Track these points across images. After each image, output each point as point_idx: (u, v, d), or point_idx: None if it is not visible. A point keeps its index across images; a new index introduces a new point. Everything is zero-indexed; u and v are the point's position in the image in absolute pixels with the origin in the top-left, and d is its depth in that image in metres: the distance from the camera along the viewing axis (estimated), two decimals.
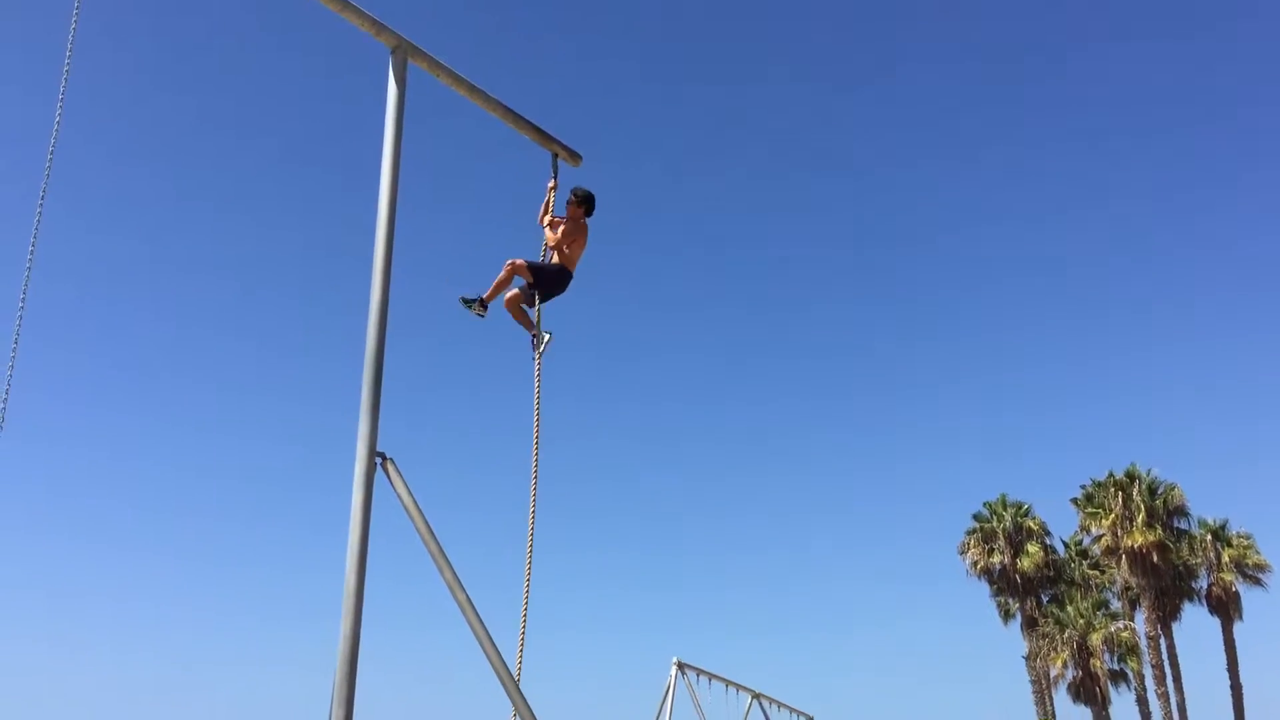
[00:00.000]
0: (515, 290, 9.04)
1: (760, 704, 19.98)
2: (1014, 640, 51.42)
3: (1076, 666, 47.20)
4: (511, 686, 6.24)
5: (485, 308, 8.97)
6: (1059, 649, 47.27)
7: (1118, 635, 47.04)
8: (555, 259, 9.04)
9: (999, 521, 51.23)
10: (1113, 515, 47.52)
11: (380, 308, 6.20)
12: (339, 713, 5.21)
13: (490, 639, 6.05)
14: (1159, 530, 46.98)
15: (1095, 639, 46.70)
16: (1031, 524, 51.19)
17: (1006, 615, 52.04)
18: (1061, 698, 48.89)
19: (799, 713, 23.00)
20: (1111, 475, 49.01)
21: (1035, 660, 48.79)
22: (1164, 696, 46.40)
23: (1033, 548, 50.30)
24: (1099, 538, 48.76)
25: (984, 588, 51.94)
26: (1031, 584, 50.48)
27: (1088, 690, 47.34)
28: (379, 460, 5.98)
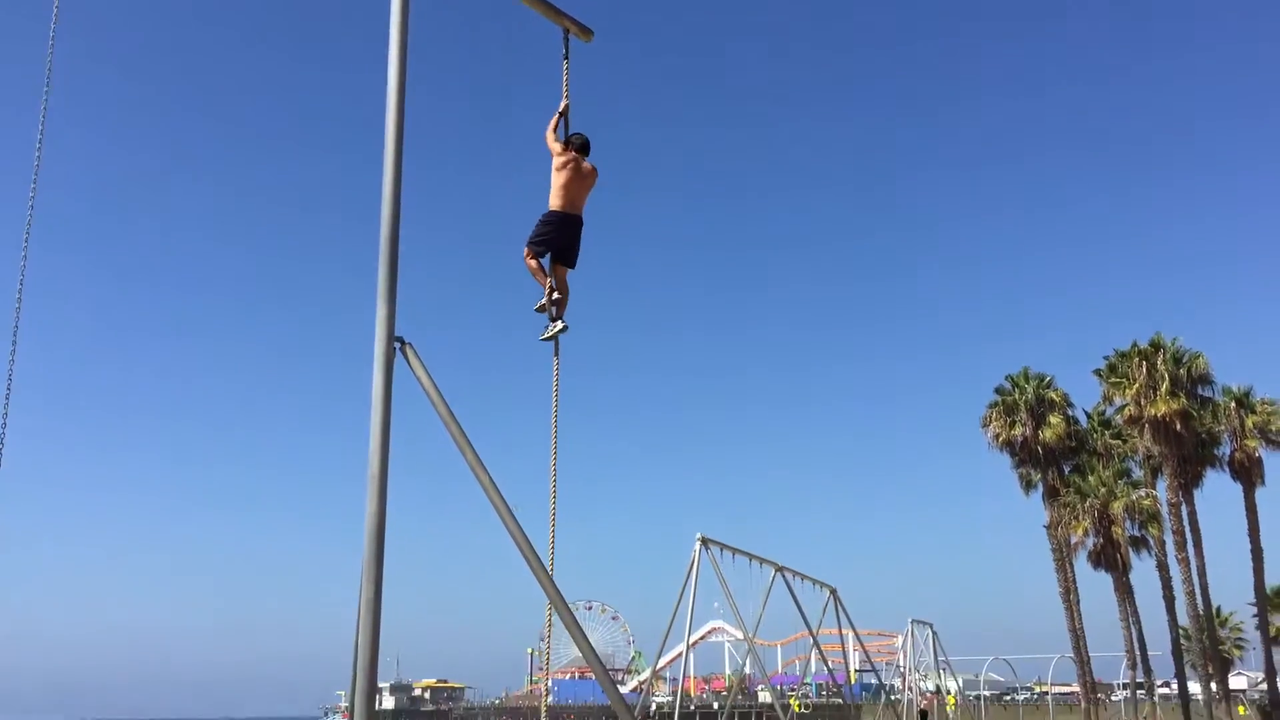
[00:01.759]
0: (536, 264, 8.67)
1: (784, 577, 20.40)
2: (1035, 510, 52.13)
3: (1097, 534, 47.84)
4: (537, 565, 6.38)
5: (558, 319, 8.49)
6: (1080, 517, 47.86)
7: (1139, 503, 47.54)
8: (550, 200, 8.66)
9: (1021, 394, 51.37)
10: (1136, 385, 47.52)
11: (393, 189, 6.16)
12: (368, 590, 5.35)
13: (514, 518, 6.17)
14: (1183, 399, 47.01)
15: (1116, 507, 47.21)
16: (1054, 395, 51.32)
17: (1028, 486, 52.58)
18: (1082, 565, 49.77)
19: (822, 584, 23.47)
20: (1135, 345, 48.89)
21: (1056, 529, 49.45)
22: (1184, 562, 47.05)
23: (1055, 419, 50.51)
24: (1122, 408, 48.86)
25: (1005, 460, 52.45)
26: (1053, 455, 50.86)
27: (1108, 557, 48.06)
28: (398, 345, 6.02)
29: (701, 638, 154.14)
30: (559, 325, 8.45)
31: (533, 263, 8.58)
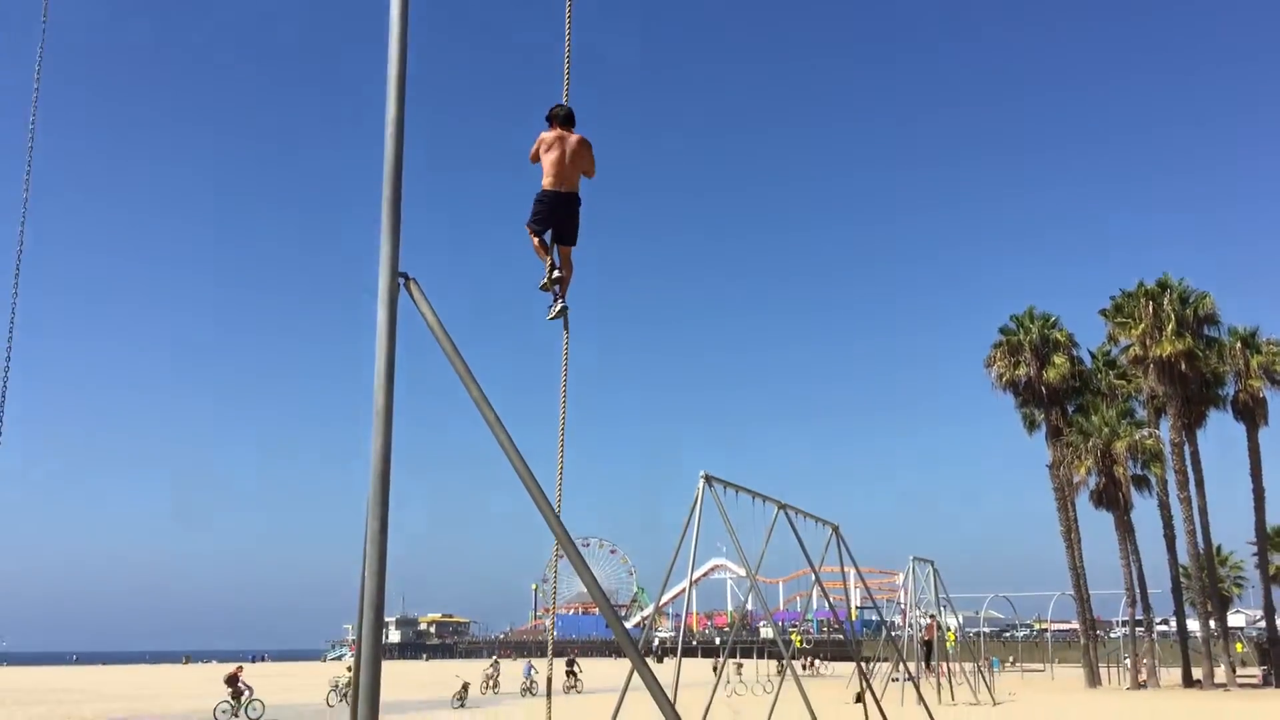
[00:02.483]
0: (538, 241, 8.41)
1: (786, 514, 20.52)
2: (1038, 450, 52.33)
3: (1099, 473, 48.06)
4: (543, 502, 6.42)
5: (561, 298, 8.31)
6: (1083, 457, 48.06)
7: (1142, 443, 47.70)
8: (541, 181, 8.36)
9: (1026, 334, 51.31)
10: (1142, 325, 47.45)
11: (396, 123, 6.11)
12: (374, 525, 5.40)
13: (519, 454, 6.20)
14: (1188, 339, 46.96)
15: (1119, 446, 47.37)
16: (1058, 335, 51.28)
17: (1031, 426, 52.74)
18: (1083, 504, 50.07)
19: (824, 522, 23.64)
20: (1142, 285, 48.74)
21: (1059, 468, 49.68)
22: (1186, 501, 47.31)
23: (1059, 359, 50.52)
24: (1127, 348, 48.85)
25: (1009, 400, 52.58)
26: (1057, 395, 50.94)
27: (1110, 496, 48.33)
28: (402, 280, 6.01)
29: (704, 575, 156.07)
30: (559, 305, 8.30)
31: (535, 240, 8.39)
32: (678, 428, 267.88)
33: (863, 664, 25.37)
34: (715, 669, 60.01)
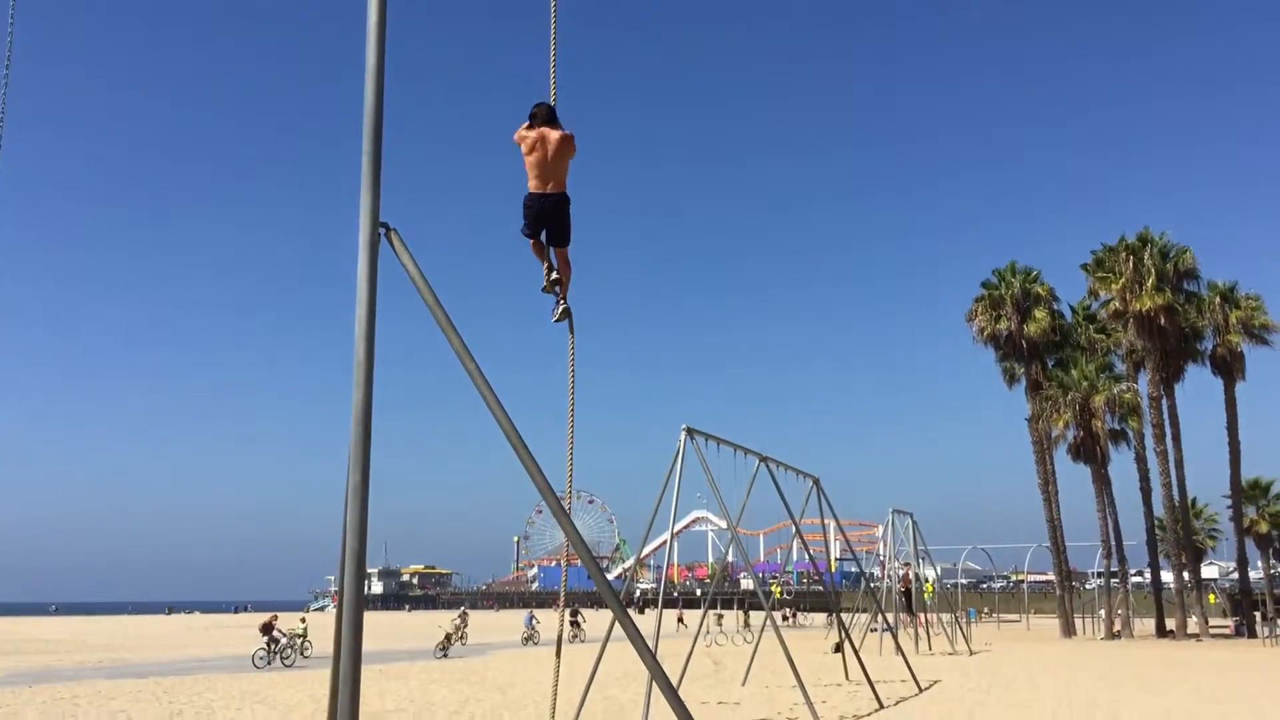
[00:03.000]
0: (535, 243, 8.24)
1: (767, 466, 20.61)
2: (1018, 403, 52.80)
3: (1078, 427, 48.44)
4: (525, 454, 6.41)
5: (562, 300, 8.18)
6: (1061, 410, 48.40)
7: (1120, 397, 48.03)
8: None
9: (1007, 288, 51.45)
10: (1123, 279, 47.62)
11: (375, 71, 6.03)
12: (355, 477, 5.39)
13: (501, 405, 6.19)
14: (1168, 293, 47.18)
15: (1098, 400, 47.70)
16: (1040, 290, 51.43)
17: (1011, 379, 53.04)
18: (1061, 457, 50.52)
19: (805, 474, 23.77)
20: (1123, 240, 48.86)
21: (1038, 422, 50.04)
22: (1162, 454, 47.79)
23: (1040, 313, 50.71)
24: (1107, 302, 49.06)
25: (990, 354, 52.82)
26: (1037, 349, 51.19)
27: (1087, 449, 48.75)
28: (382, 230, 5.96)
29: (685, 527, 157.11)
30: (562, 307, 8.17)
31: (532, 242, 8.20)
32: (661, 382, 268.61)
33: (841, 615, 25.63)
34: (680, 620, 60.39)
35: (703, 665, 29.92)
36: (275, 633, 31.94)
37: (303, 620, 35.32)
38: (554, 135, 8.06)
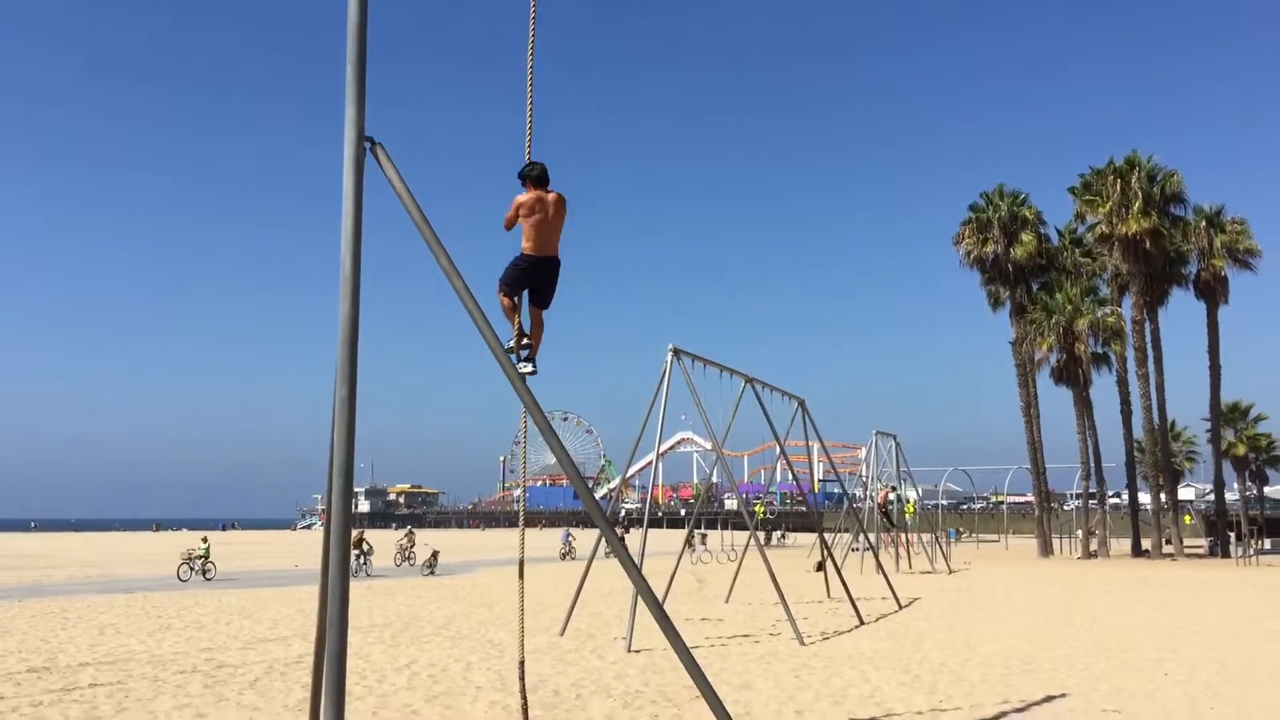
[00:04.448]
0: (510, 302, 7.99)
1: (753, 388, 20.66)
2: (1002, 327, 52.94)
3: (1061, 350, 48.71)
4: (512, 372, 6.40)
5: (529, 361, 7.88)
6: (1045, 334, 48.62)
7: (1104, 320, 48.24)
8: (521, 244, 7.87)
9: (995, 211, 51.31)
10: (1110, 203, 47.53)
11: None
12: (342, 390, 5.37)
13: (489, 322, 6.16)
14: (1154, 217, 47.15)
15: (1081, 324, 47.92)
16: (1027, 213, 51.31)
17: (996, 303, 53.14)
18: (1044, 380, 50.90)
19: (790, 395, 23.85)
20: (1111, 163, 48.65)
21: (1021, 345, 50.29)
22: (1144, 378, 48.17)
23: (1027, 236, 50.65)
24: (1094, 226, 49.02)
25: (975, 277, 52.85)
26: (1023, 272, 51.23)
27: (1070, 373, 49.09)
28: (368, 145, 5.87)
29: (670, 448, 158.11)
30: (528, 368, 7.92)
31: (506, 301, 7.98)
32: (647, 301, 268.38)
33: (824, 534, 25.95)
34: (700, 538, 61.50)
35: (687, 583, 30.35)
36: (365, 545, 35.79)
37: (204, 540, 35.47)
38: (550, 197, 7.97)
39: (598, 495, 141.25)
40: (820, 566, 30.22)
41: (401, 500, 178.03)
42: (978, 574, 36.96)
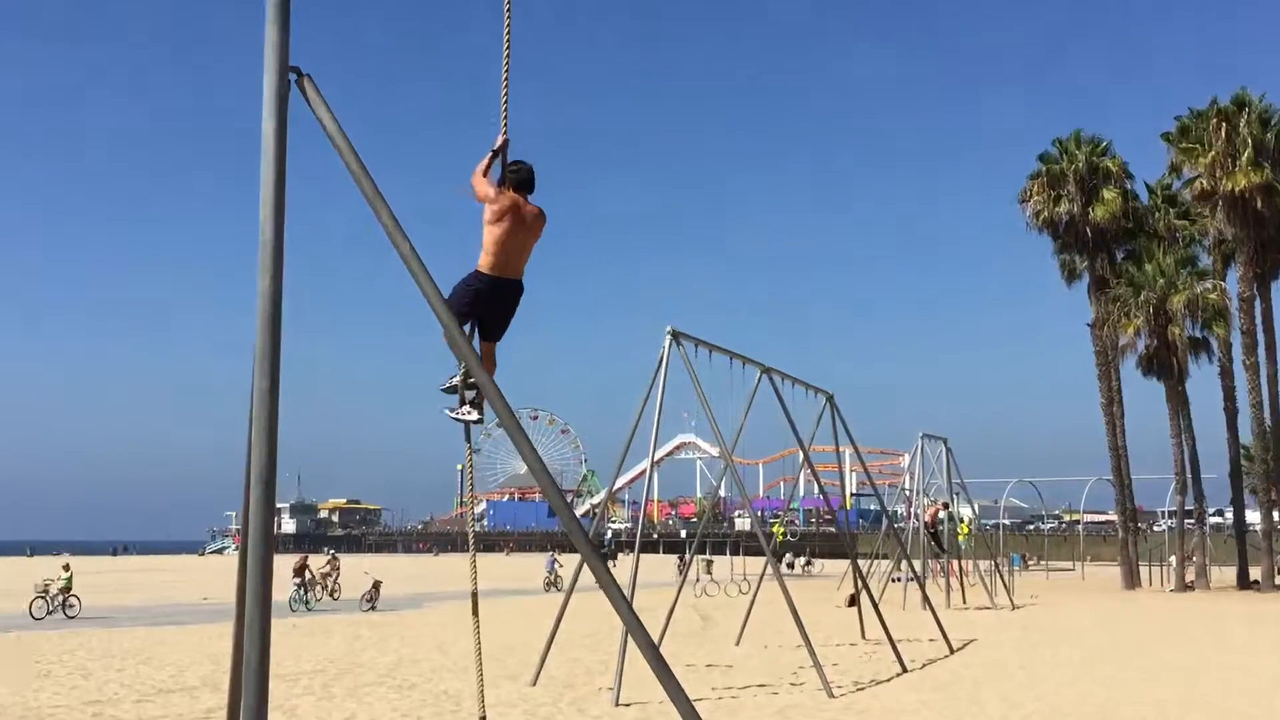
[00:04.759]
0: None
1: (770, 379, 20.65)
2: (1078, 305, 53.01)
3: (1151, 334, 48.75)
4: (468, 352, 6.39)
5: (473, 404, 8.03)
6: (1131, 314, 48.65)
7: (1204, 297, 48.21)
8: (480, 256, 7.90)
9: (1070, 162, 51.31)
10: (1212, 153, 47.52)
11: None
12: (263, 382, 5.35)
13: (439, 292, 6.14)
14: (1266, 170, 47.13)
15: (1176, 302, 47.93)
16: (1109, 165, 51.32)
17: (1071, 275, 53.15)
18: (1130, 372, 50.92)
19: (816, 390, 23.86)
20: (1215, 104, 48.63)
21: (1102, 328, 50.33)
22: (1252, 368, 48.18)
23: (1109, 194, 50.66)
24: (1192, 180, 49.01)
25: (1047, 243, 52.85)
26: (1104, 237, 51.24)
27: (1161, 361, 49.14)
28: (293, 77, 5.84)
29: (668, 454, 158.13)
30: (473, 415, 8.01)
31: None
32: (639, 283, 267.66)
33: (858, 561, 26.02)
34: (701, 565, 61.49)
35: (689, 620, 30.39)
36: (309, 574, 37.23)
37: (66, 568, 34.33)
38: (531, 211, 7.96)
39: (579, 511, 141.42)
40: (853, 600, 30.29)
41: (335, 519, 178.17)
42: (1048, 610, 37.09)
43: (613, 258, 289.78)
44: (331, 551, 49.90)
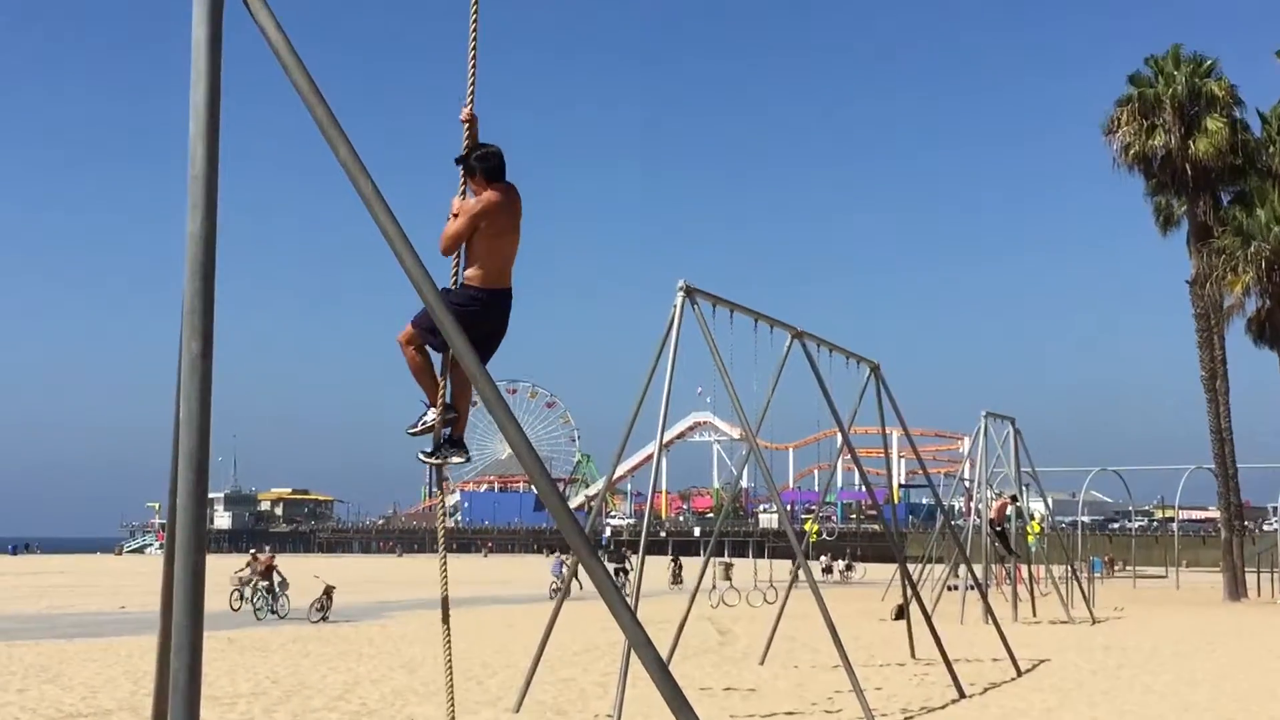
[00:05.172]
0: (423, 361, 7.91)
1: (803, 346, 20.63)
2: (1176, 258, 52.90)
3: (1263, 293, 48.67)
4: (437, 303, 6.38)
5: (452, 443, 8.04)
6: (1240, 268, 48.54)
7: None
8: (464, 269, 7.83)
9: (1167, 85, 51.10)
10: None
11: None
12: (192, 346, 5.33)
13: (405, 238, 6.13)
14: None
15: None
16: (1215, 88, 51.10)
17: (1167, 222, 53.04)
18: (1237, 338, 50.86)
19: (859, 359, 23.84)
20: None
21: (1204, 285, 50.22)
22: None
23: (1214, 123, 50.47)
24: None
25: (1137, 184, 52.70)
26: (1207, 176, 51.07)
27: (1275, 326, 49.07)
28: None
29: (680, 436, 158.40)
30: (458, 458, 8.04)
31: (417, 358, 7.84)
32: (644, 235, 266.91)
33: (907, 565, 26.08)
34: (676, 573, 61.72)
35: (704, 635, 30.47)
36: (276, 574, 38.02)
37: None
38: (516, 200, 7.95)
39: (572, 504, 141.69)
40: (901, 612, 30.36)
41: (279, 512, 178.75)
42: (1135, 625, 37.17)
43: (613, 194, 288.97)
44: (261, 551, 44.84)
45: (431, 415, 7.98)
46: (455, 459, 8.06)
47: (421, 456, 8.21)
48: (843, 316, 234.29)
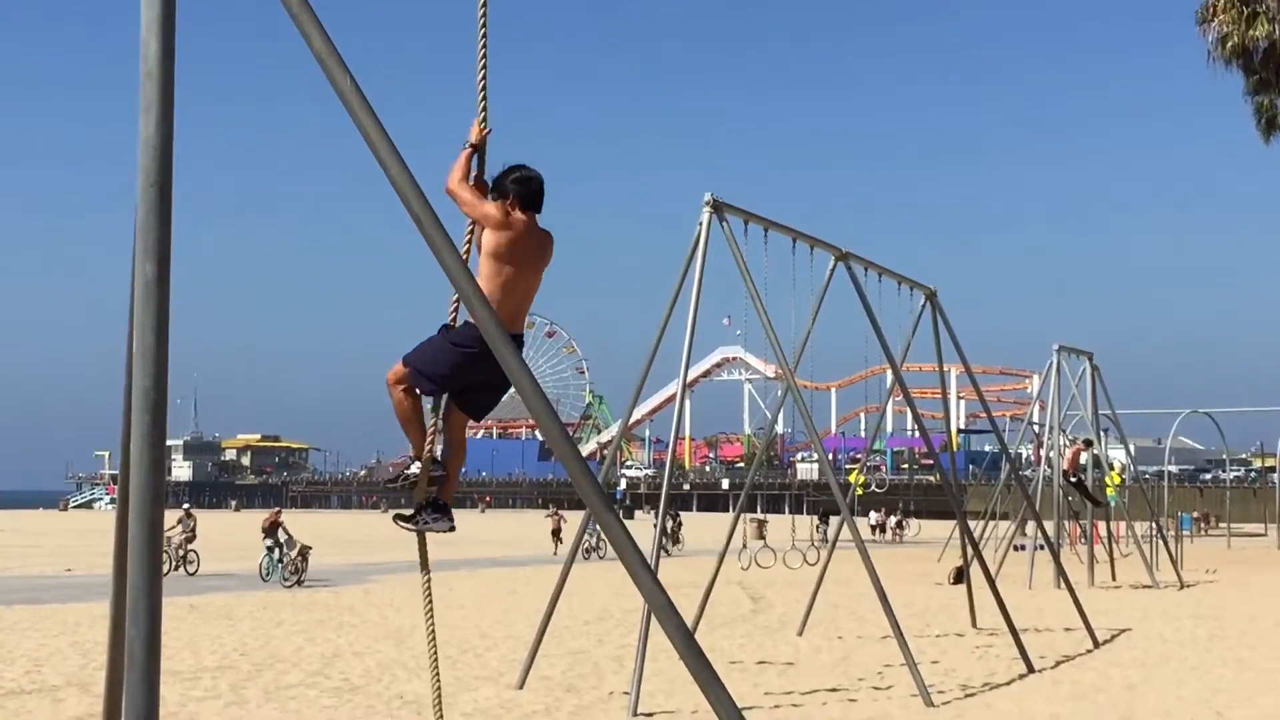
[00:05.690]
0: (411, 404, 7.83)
1: (850, 269, 20.56)
2: (1277, 168, 52.59)
3: None
4: (436, 233, 6.37)
5: (435, 508, 8.02)
6: None
7: None
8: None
9: None
10: None
11: None
12: (147, 269, 5.32)
13: (371, 111, 6.10)
14: None
15: None
16: None
17: (1271, 126, 52.83)
18: None
19: (911, 284, 23.76)
20: None
21: None
22: None
23: None
24: None
25: (1236, 81, 52.40)
26: None
27: None
28: None
29: (706, 374, 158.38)
30: (444, 525, 8.00)
31: (406, 402, 7.79)
32: (667, 147, 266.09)
33: (967, 522, 26.11)
34: (666, 532, 62.16)
35: (735, 600, 30.59)
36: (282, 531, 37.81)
37: None
38: (547, 242, 7.88)
39: (583, 452, 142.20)
40: (961, 575, 30.44)
41: (245, 462, 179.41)
42: (1229, 589, 37.24)
43: (636, 98, 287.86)
44: (186, 506, 43.49)
45: (415, 469, 7.97)
46: (438, 528, 8.00)
47: (399, 522, 8.31)
48: (895, 236, 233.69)
